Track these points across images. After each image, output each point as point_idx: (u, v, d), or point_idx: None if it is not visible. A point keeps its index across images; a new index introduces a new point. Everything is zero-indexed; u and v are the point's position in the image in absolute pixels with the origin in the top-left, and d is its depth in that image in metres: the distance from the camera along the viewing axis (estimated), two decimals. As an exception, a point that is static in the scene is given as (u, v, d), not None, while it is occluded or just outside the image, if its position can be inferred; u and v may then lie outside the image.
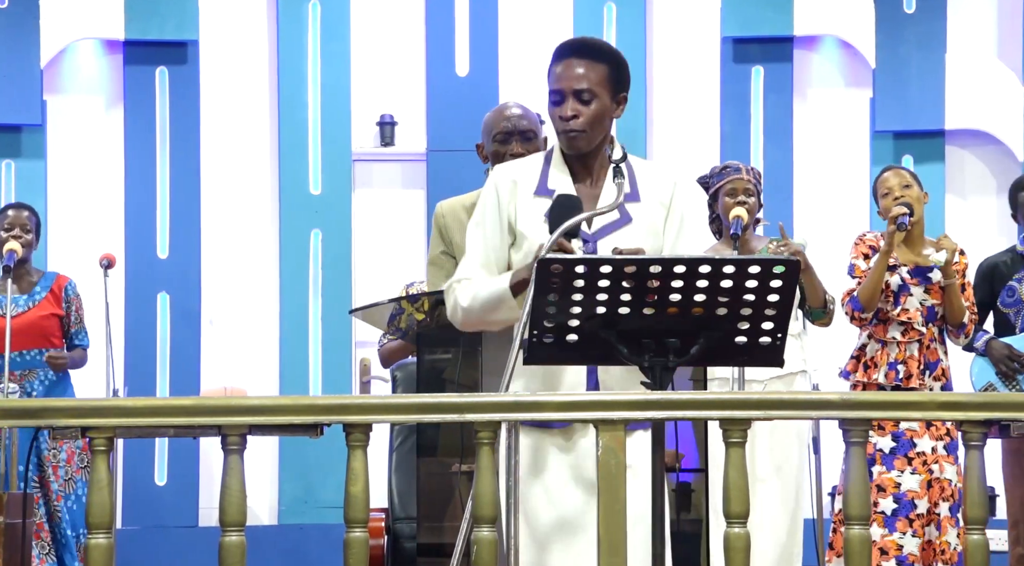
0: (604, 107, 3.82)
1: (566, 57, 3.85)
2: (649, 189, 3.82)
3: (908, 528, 5.82)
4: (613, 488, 3.28)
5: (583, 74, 3.81)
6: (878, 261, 5.92)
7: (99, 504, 3.30)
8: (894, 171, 6.17)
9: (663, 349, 3.43)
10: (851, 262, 6.12)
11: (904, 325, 5.97)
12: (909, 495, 5.81)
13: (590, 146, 3.82)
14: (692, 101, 8.69)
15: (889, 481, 5.84)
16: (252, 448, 3.42)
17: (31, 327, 6.78)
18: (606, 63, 3.84)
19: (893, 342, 5.96)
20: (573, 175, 3.85)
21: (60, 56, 8.51)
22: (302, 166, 8.56)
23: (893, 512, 5.82)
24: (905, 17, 8.58)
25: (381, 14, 8.70)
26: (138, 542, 8.05)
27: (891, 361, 5.95)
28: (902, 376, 5.92)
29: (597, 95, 3.81)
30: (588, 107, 3.79)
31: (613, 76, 3.84)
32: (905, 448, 5.87)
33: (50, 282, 6.93)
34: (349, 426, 3.34)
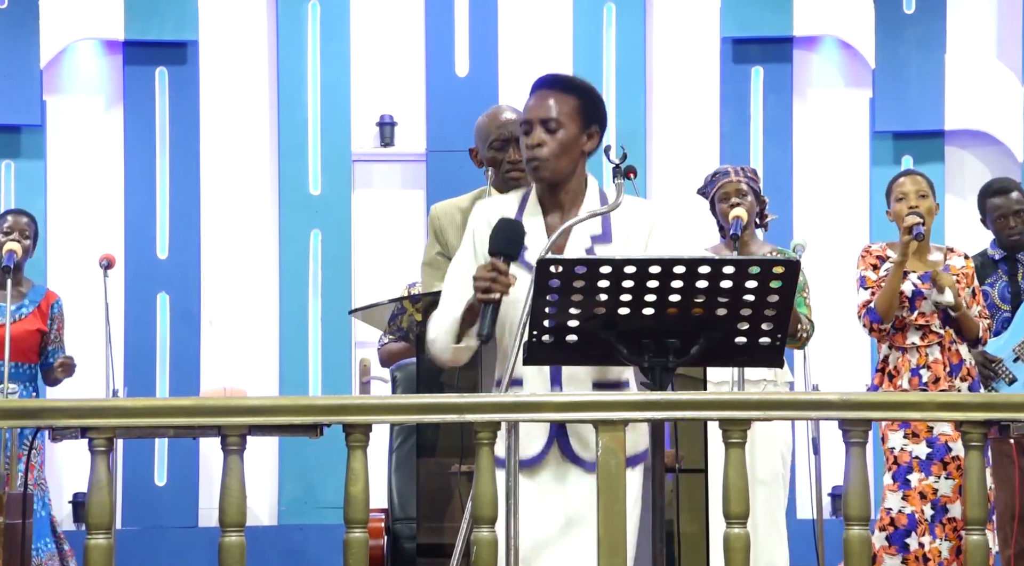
0: (570, 137, 3.83)
1: (538, 90, 3.89)
2: (624, 230, 3.80)
3: (943, 533, 5.84)
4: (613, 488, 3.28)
5: (551, 104, 3.84)
6: (893, 271, 5.90)
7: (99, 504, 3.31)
8: (912, 177, 6.14)
9: (663, 349, 3.44)
10: (860, 274, 6.09)
11: (922, 329, 5.96)
12: (943, 501, 5.82)
13: (555, 176, 3.82)
14: (692, 102, 8.69)
15: (929, 488, 5.85)
16: (252, 448, 3.42)
17: (14, 340, 6.72)
18: (576, 95, 3.87)
19: (913, 348, 5.96)
20: (545, 210, 3.86)
21: (60, 56, 8.51)
22: (302, 166, 8.56)
23: (931, 518, 5.83)
24: (905, 17, 8.58)
25: (381, 14, 8.70)
26: (138, 543, 8.05)
27: (913, 367, 5.95)
28: (926, 381, 5.91)
29: (563, 125, 3.82)
30: (553, 136, 3.81)
31: (584, 108, 3.86)
32: (940, 453, 5.88)
33: (39, 297, 6.89)
34: (349, 426, 3.35)
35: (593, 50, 8.62)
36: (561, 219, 3.83)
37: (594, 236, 3.80)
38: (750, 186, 6.12)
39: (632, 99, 8.62)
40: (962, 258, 6.11)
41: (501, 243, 3.70)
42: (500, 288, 3.63)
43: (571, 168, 3.85)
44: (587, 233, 3.80)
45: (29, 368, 6.82)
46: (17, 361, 6.74)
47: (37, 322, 6.82)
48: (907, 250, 5.89)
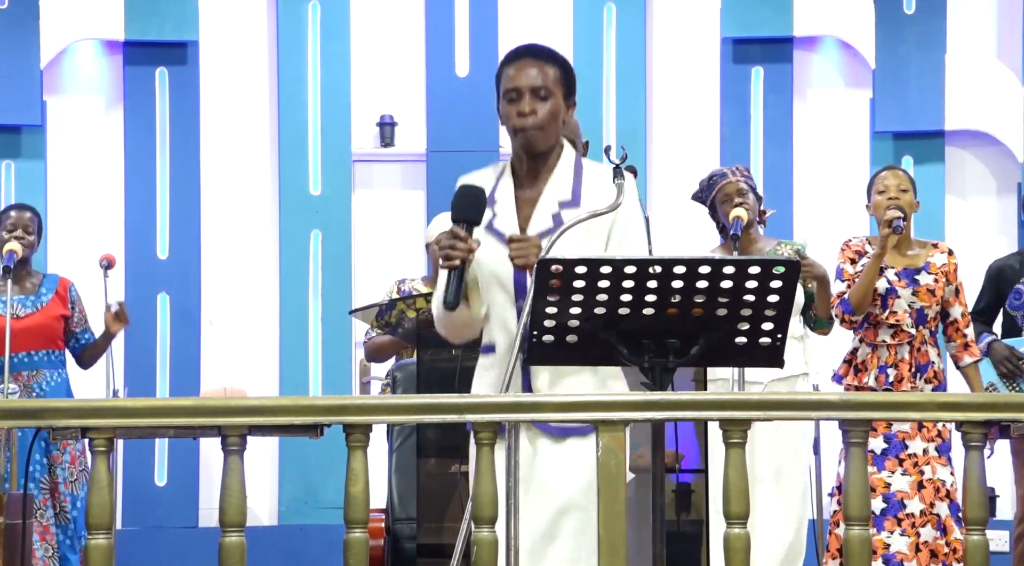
0: (558, 106, 3.87)
1: (519, 59, 3.90)
2: (591, 197, 3.82)
3: (896, 527, 5.83)
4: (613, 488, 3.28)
5: (539, 73, 3.86)
6: (871, 264, 5.91)
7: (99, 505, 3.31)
8: (893, 172, 6.16)
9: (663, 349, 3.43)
10: (838, 266, 6.10)
11: (894, 328, 5.97)
12: (899, 495, 5.82)
13: (547, 144, 3.86)
14: (692, 102, 8.69)
15: (879, 481, 5.85)
16: (252, 449, 3.42)
17: (40, 328, 6.75)
18: (558, 66, 3.90)
19: (883, 345, 5.96)
20: (518, 182, 3.89)
21: (60, 56, 8.51)
22: (302, 167, 8.56)
23: (881, 511, 5.83)
24: (905, 18, 8.58)
25: (381, 14, 8.70)
26: (138, 543, 8.05)
27: (881, 364, 5.95)
28: (892, 379, 5.92)
29: (553, 94, 3.85)
30: (545, 104, 3.84)
31: (564, 79, 3.89)
32: (897, 449, 5.88)
33: (54, 284, 6.91)
34: (349, 427, 3.35)
35: (593, 50, 8.62)
36: (534, 188, 3.86)
37: (562, 201, 3.83)
38: (748, 184, 6.14)
39: (632, 99, 8.63)
40: (945, 254, 6.09)
41: (461, 210, 3.75)
42: (460, 254, 3.68)
43: (557, 137, 3.87)
44: (556, 198, 3.83)
45: (58, 355, 6.83)
46: (47, 349, 6.77)
47: (60, 308, 6.84)
48: (886, 244, 5.88)
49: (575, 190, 3.83)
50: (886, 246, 5.90)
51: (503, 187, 3.89)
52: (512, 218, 3.84)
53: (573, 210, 3.79)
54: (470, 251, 3.70)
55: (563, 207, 3.81)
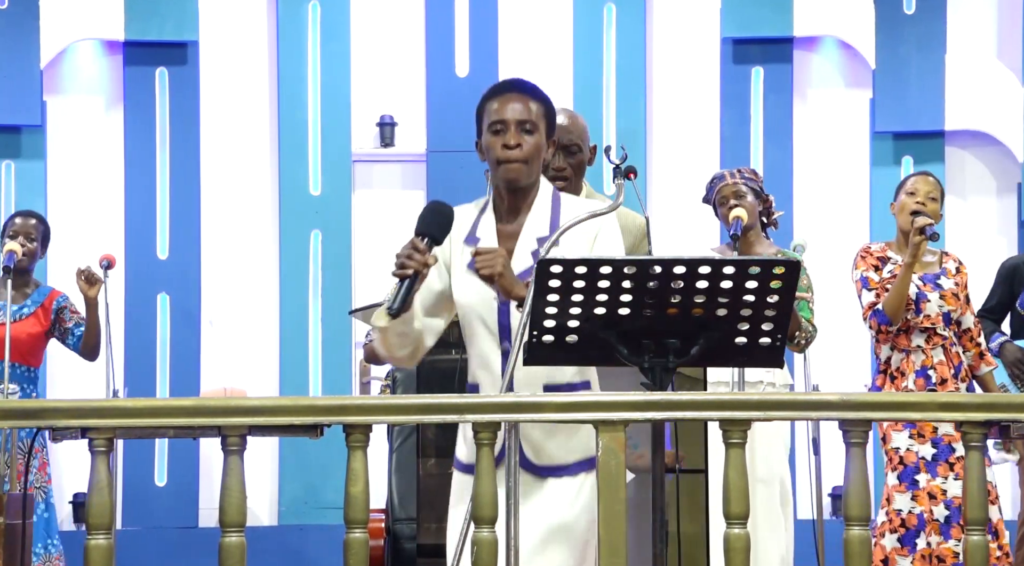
0: (541, 142, 3.86)
1: (505, 92, 3.89)
2: (570, 232, 3.79)
3: (962, 534, 5.80)
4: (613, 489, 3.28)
5: (524, 107, 3.85)
6: (904, 273, 5.86)
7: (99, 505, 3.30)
8: (926, 178, 6.08)
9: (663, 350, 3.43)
10: (863, 275, 6.04)
11: (927, 331, 5.94)
12: (956, 502, 5.78)
13: (529, 179, 3.86)
14: (692, 102, 8.69)
15: (937, 488, 5.81)
16: (252, 449, 3.42)
17: (13, 341, 6.68)
18: (543, 103, 3.90)
19: (918, 349, 5.93)
20: (499, 216, 3.89)
21: (60, 57, 8.51)
22: (302, 167, 8.56)
23: (946, 519, 5.79)
24: (905, 18, 8.58)
25: (381, 15, 8.70)
26: (138, 543, 8.05)
27: (918, 369, 5.93)
28: (935, 382, 5.88)
29: (538, 128, 3.85)
30: (531, 137, 3.83)
31: (548, 116, 3.90)
32: (945, 454, 5.85)
33: (42, 297, 6.86)
34: (349, 427, 3.35)
35: (593, 50, 8.62)
36: (515, 223, 3.86)
37: (540, 238, 3.83)
38: (749, 186, 6.10)
39: (632, 99, 8.63)
40: (956, 263, 6.09)
41: (425, 224, 3.78)
42: (414, 265, 3.69)
43: (538, 173, 3.89)
44: (535, 235, 3.83)
45: (28, 370, 6.79)
46: (16, 362, 6.70)
47: (38, 323, 6.79)
48: (918, 251, 5.84)
49: (553, 225, 3.83)
50: (918, 253, 5.85)
51: (485, 223, 3.89)
52: None
53: (553, 248, 3.79)
54: (425, 265, 3.70)
55: (541, 243, 3.81)
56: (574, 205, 3.88)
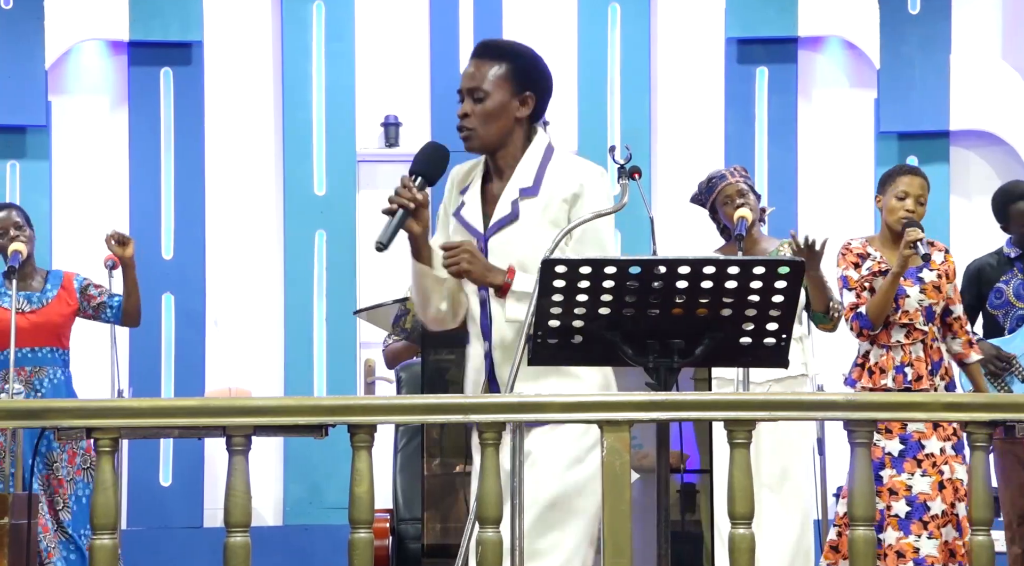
0: (499, 104, 3.88)
1: (471, 59, 3.97)
2: (552, 184, 3.85)
3: (923, 530, 5.79)
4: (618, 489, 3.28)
5: (476, 73, 3.92)
6: (889, 282, 5.85)
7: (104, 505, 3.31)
8: (919, 180, 6.02)
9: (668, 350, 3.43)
10: (842, 274, 6.04)
11: (906, 326, 5.94)
12: (921, 497, 5.78)
13: (484, 145, 3.91)
14: (696, 102, 8.69)
15: (900, 484, 5.81)
16: (257, 449, 3.42)
17: (46, 325, 6.75)
18: (506, 61, 3.91)
19: (897, 345, 5.94)
20: (487, 176, 3.95)
21: (65, 57, 8.52)
22: (306, 167, 8.56)
23: (907, 515, 5.79)
24: (909, 18, 8.57)
25: (385, 15, 8.70)
26: (143, 543, 8.05)
27: (897, 365, 5.93)
28: (911, 378, 5.89)
29: (489, 93, 3.88)
30: (479, 105, 3.88)
31: (514, 73, 3.90)
32: (914, 450, 5.85)
33: (59, 280, 6.91)
34: (354, 427, 3.35)
35: (597, 50, 8.62)
36: (500, 184, 3.91)
37: (523, 189, 3.87)
38: (747, 184, 6.14)
39: (636, 99, 8.62)
40: (943, 253, 6.08)
41: (418, 163, 3.85)
42: (401, 201, 3.76)
43: (501, 136, 3.91)
44: (517, 185, 3.87)
45: (62, 353, 6.83)
46: (51, 346, 6.76)
47: (65, 304, 6.84)
48: (906, 263, 5.85)
49: (537, 178, 3.87)
50: (906, 264, 5.85)
51: (475, 182, 3.96)
52: (478, 211, 3.91)
53: (531, 199, 3.83)
54: (413, 201, 3.77)
55: (523, 194, 3.85)
56: (564, 161, 3.91)
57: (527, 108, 3.91)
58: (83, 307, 6.83)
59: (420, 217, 3.81)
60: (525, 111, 3.91)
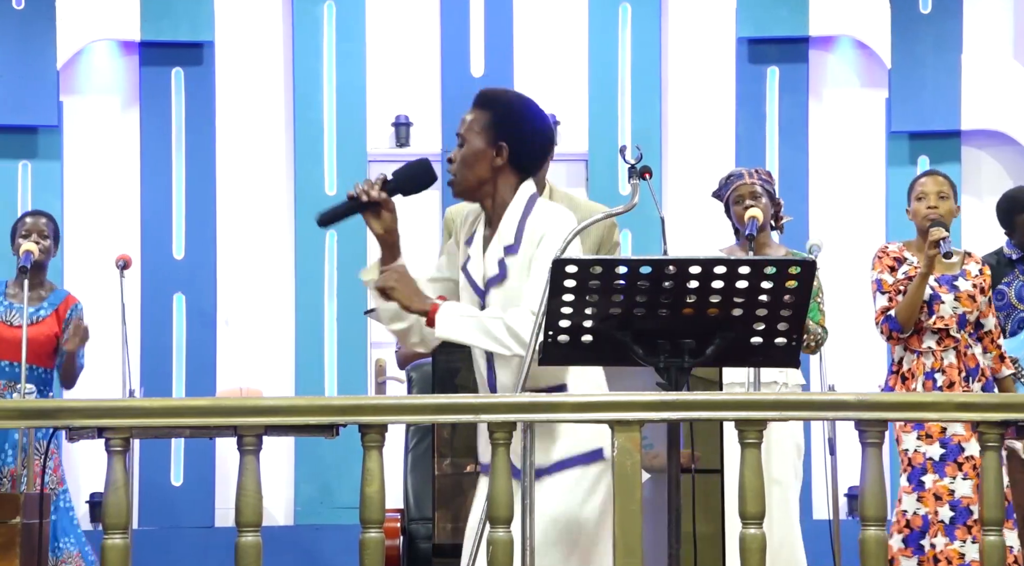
0: (474, 152, 3.91)
1: None
2: (528, 238, 3.87)
3: (967, 535, 5.78)
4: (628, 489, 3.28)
5: (465, 119, 3.96)
6: (917, 282, 5.85)
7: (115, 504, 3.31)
8: (934, 178, 6.09)
9: (678, 350, 3.44)
10: (877, 277, 6.03)
11: (939, 333, 5.93)
12: (964, 502, 5.76)
13: (463, 190, 3.95)
14: (707, 102, 8.68)
15: (943, 489, 5.80)
16: (268, 448, 3.43)
17: (30, 342, 6.68)
18: (489, 110, 3.94)
19: (928, 351, 5.92)
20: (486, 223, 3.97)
21: (76, 57, 8.53)
22: (317, 167, 8.56)
23: (951, 520, 5.78)
24: (921, 17, 8.56)
25: (396, 14, 8.70)
26: (154, 543, 8.06)
27: (927, 370, 5.91)
28: (941, 384, 5.87)
29: (468, 140, 3.92)
30: (460, 150, 3.94)
31: (494, 124, 3.92)
32: (954, 454, 5.83)
33: (58, 300, 6.88)
34: (364, 427, 3.35)
35: (608, 50, 8.61)
36: (492, 232, 3.92)
37: (507, 246, 3.89)
38: (764, 188, 6.11)
39: (647, 99, 8.62)
40: (979, 265, 6.07)
41: (400, 171, 3.95)
42: (358, 192, 3.88)
43: (480, 183, 3.93)
44: (501, 243, 3.89)
45: (44, 372, 6.82)
46: (32, 364, 6.73)
47: (53, 326, 6.81)
48: (932, 262, 5.83)
49: (517, 234, 3.88)
50: (932, 265, 5.84)
51: (477, 232, 3.98)
52: (479, 265, 3.93)
53: (513, 256, 3.85)
54: (366, 195, 3.86)
55: (507, 252, 3.88)
56: (539, 212, 3.89)
57: (501, 158, 3.91)
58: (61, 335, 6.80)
59: (380, 217, 3.88)
60: (499, 161, 3.91)
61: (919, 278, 5.83)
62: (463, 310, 3.82)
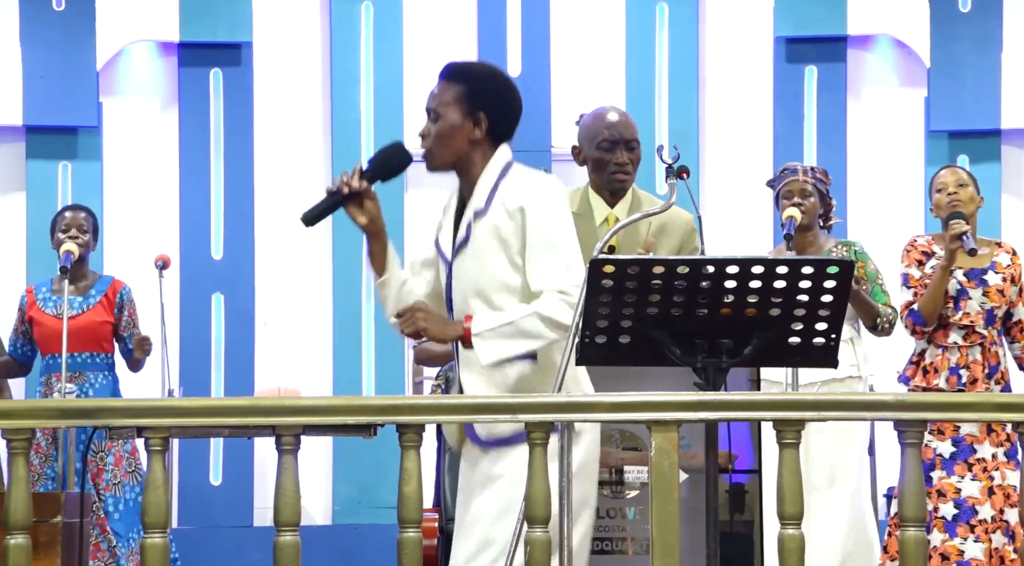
0: (448, 126, 3.93)
1: (437, 80, 4.02)
2: (500, 201, 3.85)
3: (970, 534, 5.74)
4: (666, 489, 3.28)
5: (434, 94, 3.99)
6: (938, 276, 5.83)
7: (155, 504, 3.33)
8: (951, 169, 6.13)
9: (716, 350, 3.43)
10: (904, 271, 6.03)
11: (965, 329, 5.90)
12: (970, 501, 5.73)
13: (439, 165, 3.98)
14: (744, 101, 8.66)
15: (949, 486, 5.77)
16: (306, 448, 3.44)
17: (85, 330, 6.83)
18: (463, 82, 3.94)
19: (954, 347, 5.90)
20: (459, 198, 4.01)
21: (116, 58, 8.57)
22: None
23: (954, 518, 5.75)
24: (960, 16, 8.52)
25: (433, 15, 8.71)
26: (193, 542, 8.09)
27: (952, 366, 5.89)
28: (965, 381, 5.84)
29: (442, 114, 3.94)
30: (434, 125, 3.89)
31: (469, 95, 3.92)
32: (965, 454, 5.81)
33: (105, 286, 6.98)
34: (402, 426, 3.36)
35: (645, 50, 8.60)
36: (466, 205, 3.93)
37: (476, 211, 3.90)
38: (816, 187, 6.11)
39: (685, 99, 8.60)
40: (1009, 254, 6.04)
41: (374, 159, 4.01)
42: (339, 182, 3.92)
43: (457, 156, 3.95)
44: (473, 208, 3.90)
45: (106, 357, 6.93)
46: (93, 351, 6.84)
47: (104, 313, 6.91)
48: (953, 255, 5.81)
49: (488, 198, 3.87)
50: (953, 257, 5.82)
51: (451, 204, 4.03)
52: (449, 236, 3.97)
53: (482, 219, 3.84)
54: (347, 186, 3.90)
55: (476, 216, 3.86)
56: (517, 177, 3.89)
57: (480, 129, 3.90)
58: (116, 324, 6.92)
59: (364, 208, 3.87)
60: (478, 132, 3.90)
61: (940, 271, 5.82)
62: (492, 322, 3.75)
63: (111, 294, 6.96)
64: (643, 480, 4.24)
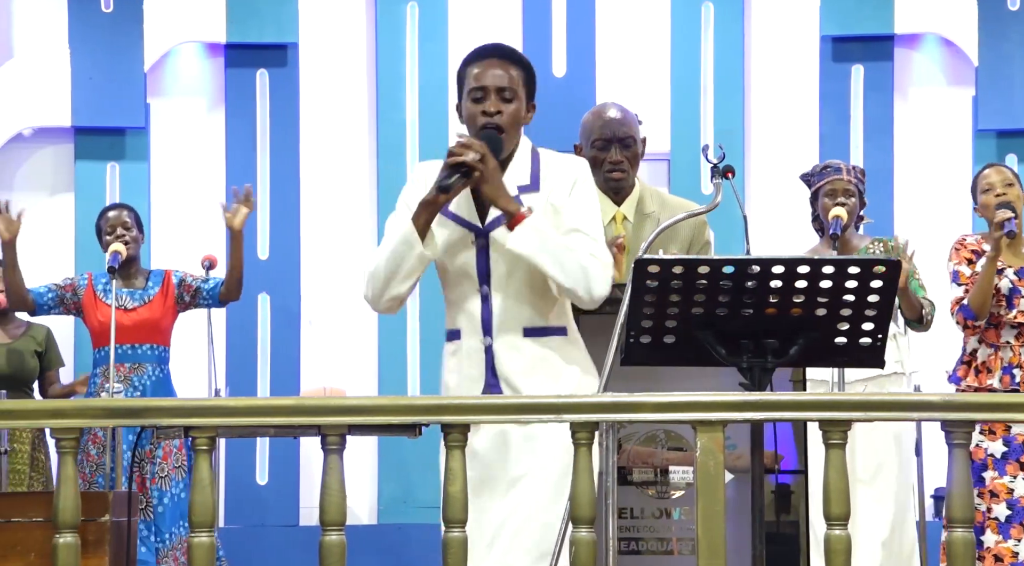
0: (520, 109, 3.91)
1: (486, 58, 3.92)
2: (550, 179, 3.86)
3: (1021, 534, 5.71)
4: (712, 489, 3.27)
5: (504, 74, 3.88)
6: (986, 268, 5.81)
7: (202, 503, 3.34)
8: (996, 168, 6.09)
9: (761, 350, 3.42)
10: (954, 269, 6.00)
11: (1018, 327, 5.87)
12: (1023, 502, 5.70)
13: (510, 147, 3.90)
14: (790, 101, 8.63)
15: (1002, 487, 5.74)
16: (351, 448, 3.45)
17: (145, 323, 6.92)
18: (523, 69, 3.93)
19: (1007, 346, 5.86)
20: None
21: (163, 59, 8.62)
22: (400, 167, 8.60)
23: (1007, 518, 5.72)
24: (1009, 15, 8.47)
25: (478, 15, 8.72)
26: (239, 541, 8.13)
27: (1005, 365, 5.85)
28: (1019, 380, 5.81)
29: (517, 95, 3.89)
30: (510, 105, 3.87)
31: (528, 81, 3.92)
32: (1017, 453, 5.77)
33: (160, 278, 7.07)
34: (447, 426, 3.36)
35: (691, 49, 8.59)
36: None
37: (521, 186, 3.86)
38: (857, 188, 6.10)
39: (730, 98, 8.58)
40: None
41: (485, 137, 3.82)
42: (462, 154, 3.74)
43: (518, 140, 3.92)
44: (514, 183, 3.85)
45: (163, 350, 6.98)
46: (150, 342, 6.91)
47: (164, 302, 6.98)
48: (999, 245, 5.79)
49: (533, 175, 3.88)
50: (999, 247, 5.80)
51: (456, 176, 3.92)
52: (472, 207, 3.88)
53: (532, 194, 3.82)
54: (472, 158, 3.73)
55: (522, 191, 3.84)
56: (553, 158, 3.91)
57: (530, 117, 3.95)
58: (181, 299, 6.98)
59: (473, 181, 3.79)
60: (529, 119, 3.94)
61: (988, 262, 5.80)
62: (549, 230, 3.76)
63: (165, 284, 7.03)
64: (688, 481, 4.23)
